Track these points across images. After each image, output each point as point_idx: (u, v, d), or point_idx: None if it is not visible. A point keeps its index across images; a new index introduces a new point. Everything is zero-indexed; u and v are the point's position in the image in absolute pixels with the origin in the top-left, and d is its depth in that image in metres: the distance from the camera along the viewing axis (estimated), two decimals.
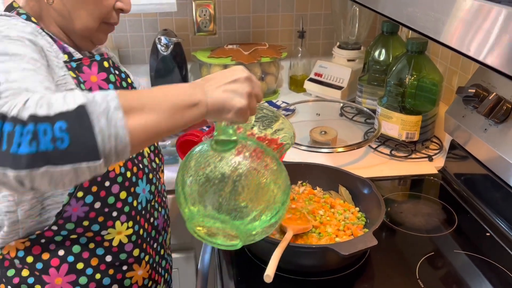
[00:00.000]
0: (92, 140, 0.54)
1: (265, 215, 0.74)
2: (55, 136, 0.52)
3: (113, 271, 0.85)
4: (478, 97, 1.04)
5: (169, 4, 1.40)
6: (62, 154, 0.53)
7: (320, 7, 1.72)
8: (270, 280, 0.76)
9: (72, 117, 0.53)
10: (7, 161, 0.52)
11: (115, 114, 0.55)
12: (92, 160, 0.54)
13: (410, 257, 0.94)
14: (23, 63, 0.64)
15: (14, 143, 0.52)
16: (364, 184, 1.02)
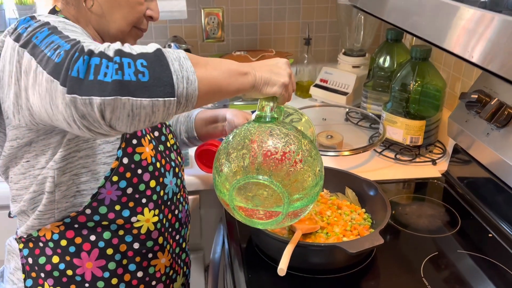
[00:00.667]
0: (169, 77, 0.61)
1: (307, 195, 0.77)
2: (137, 69, 0.59)
3: (139, 258, 0.90)
4: (481, 103, 1.08)
5: (180, 12, 1.44)
6: (143, 87, 0.59)
7: (326, 15, 1.77)
8: (284, 274, 0.80)
9: (151, 57, 0.61)
10: (94, 88, 0.58)
11: (186, 62, 0.64)
12: (168, 97, 0.61)
13: (415, 257, 0.97)
14: (85, 36, 0.70)
15: (101, 73, 0.58)
16: (370, 186, 1.05)
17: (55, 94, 0.62)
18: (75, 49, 0.61)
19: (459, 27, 0.65)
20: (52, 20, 0.74)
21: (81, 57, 0.60)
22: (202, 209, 1.31)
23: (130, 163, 0.84)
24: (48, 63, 0.64)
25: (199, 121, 1.13)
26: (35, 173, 0.82)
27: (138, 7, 0.88)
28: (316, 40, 1.79)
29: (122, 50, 0.61)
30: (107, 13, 0.86)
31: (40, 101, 0.67)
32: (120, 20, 0.87)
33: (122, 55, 0.60)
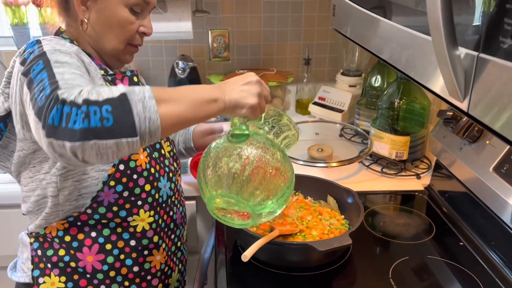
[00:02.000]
0: (131, 120, 0.68)
1: (272, 198, 0.88)
2: (102, 116, 0.67)
3: (135, 254, 0.98)
4: (456, 119, 1.16)
5: (186, 33, 1.57)
6: (107, 131, 0.67)
7: (325, 37, 1.87)
8: (246, 260, 0.90)
9: (116, 102, 0.68)
10: (65, 135, 0.67)
11: (150, 101, 0.70)
12: (131, 137, 0.68)
13: (387, 259, 1.05)
14: (72, 69, 0.80)
15: (71, 121, 0.67)
16: (349, 194, 1.14)
17: (39, 133, 0.71)
18: (51, 97, 0.70)
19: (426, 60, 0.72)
20: (49, 50, 0.82)
21: (55, 106, 0.68)
22: (198, 214, 1.40)
23: (126, 169, 0.93)
24: (35, 104, 0.73)
25: (197, 133, 1.23)
26: (40, 177, 0.92)
27: (129, 26, 0.95)
28: (316, 61, 1.90)
29: (89, 99, 0.68)
30: (100, 34, 0.95)
31: (34, 133, 0.75)
32: (113, 39, 0.95)
33: (89, 104, 0.68)
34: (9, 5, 1.68)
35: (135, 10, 0.95)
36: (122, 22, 0.94)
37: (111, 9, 0.93)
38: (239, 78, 0.85)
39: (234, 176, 0.85)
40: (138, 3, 0.95)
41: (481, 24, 0.53)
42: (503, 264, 1.01)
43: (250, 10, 1.80)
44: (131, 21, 0.95)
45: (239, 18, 1.81)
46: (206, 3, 1.74)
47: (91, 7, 0.92)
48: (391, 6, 0.86)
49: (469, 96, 0.56)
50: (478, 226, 1.11)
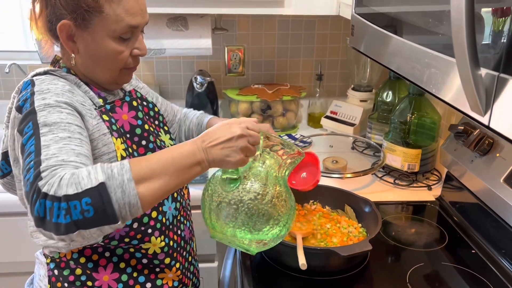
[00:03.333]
0: (111, 209, 0.71)
1: (271, 230, 0.92)
2: (83, 209, 0.70)
3: (147, 271, 1.00)
4: (466, 133, 1.22)
5: (206, 49, 1.64)
6: (89, 221, 0.71)
7: (337, 54, 1.95)
8: (305, 267, 0.96)
9: (94, 194, 0.71)
10: (51, 228, 0.72)
11: (129, 185, 0.72)
12: (112, 223, 0.73)
13: (403, 266, 1.10)
14: (60, 132, 0.80)
15: (54, 215, 0.70)
16: (366, 204, 1.20)
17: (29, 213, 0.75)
18: (34, 188, 0.72)
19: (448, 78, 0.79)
20: (39, 105, 0.82)
21: (38, 201, 0.71)
22: None
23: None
24: (25, 183, 0.75)
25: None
26: None
27: (119, 56, 0.91)
28: (328, 76, 1.97)
29: (68, 194, 0.70)
30: (91, 67, 0.93)
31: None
32: (105, 71, 0.93)
33: (69, 199, 0.70)
34: None
35: (124, 37, 0.91)
36: (110, 55, 0.91)
37: (98, 42, 0.89)
38: (224, 129, 0.84)
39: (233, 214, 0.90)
40: (124, 32, 0.90)
41: (502, 47, 0.59)
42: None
43: (265, 28, 1.88)
44: (120, 51, 0.91)
45: (254, 35, 1.89)
46: (224, 21, 1.82)
47: (79, 41, 0.90)
48: (410, 26, 0.93)
49: (490, 111, 0.62)
50: (489, 235, 1.17)
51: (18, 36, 1.96)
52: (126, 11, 0.89)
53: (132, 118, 0.99)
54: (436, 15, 0.82)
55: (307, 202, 1.28)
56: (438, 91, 0.76)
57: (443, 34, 0.77)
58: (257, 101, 1.80)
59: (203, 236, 1.46)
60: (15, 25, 1.95)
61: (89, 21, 0.88)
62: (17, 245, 1.45)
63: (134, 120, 0.99)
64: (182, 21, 1.62)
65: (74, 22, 0.88)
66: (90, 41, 0.89)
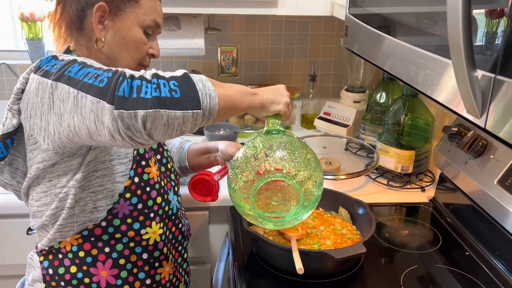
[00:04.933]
0: (195, 94, 0.76)
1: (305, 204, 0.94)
2: (171, 87, 0.74)
3: (148, 267, 1.01)
4: (460, 135, 1.22)
5: (199, 49, 1.63)
6: (176, 102, 0.74)
7: (330, 54, 1.95)
8: (303, 272, 0.95)
9: (181, 79, 0.76)
10: (137, 104, 0.72)
11: (207, 83, 0.78)
12: (196, 109, 0.76)
13: (397, 268, 1.10)
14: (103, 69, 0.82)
15: (142, 91, 0.73)
16: (359, 205, 1.19)
17: (101, 111, 0.74)
18: (118, 74, 0.75)
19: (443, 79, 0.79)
20: (77, 58, 0.85)
21: (125, 80, 0.74)
22: (210, 224, 1.45)
23: (140, 182, 0.96)
24: (90, 88, 0.76)
25: (192, 152, 1.24)
26: (57, 191, 0.92)
27: (143, 47, 0.99)
28: (321, 77, 1.97)
29: (157, 73, 0.76)
30: (116, 53, 0.97)
31: (83, 121, 0.78)
32: (127, 59, 0.98)
33: (158, 78, 0.75)
34: (25, 20, 1.73)
35: (148, 32, 0.99)
36: (137, 42, 0.97)
37: (127, 29, 0.96)
38: (268, 87, 0.96)
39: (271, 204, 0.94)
40: (151, 26, 0.99)
41: (499, 48, 0.59)
42: (508, 272, 1.06)
43: (259, 28, 1.87)
44: (145, 41, 0.99)
45: (247, 35, 1.88)
46: (217, 21, 1.81)
47: (108, 26, 0.95)
48: (404, 27, 0.92)
49: (486, 113, 0.61)
50: (483, 236, 1.17)
51: (8, 35, 1.94)
52: (155, 9, 0.99)
53: None
54: (431, 16, 0.81)
55: None
56: (433, 92, 0.76)
57: (438, 35, 0.76)
58: None
59: (196, 238, 1.44)
60: (5, 25, 1.93)
61: (123, 9, 0.95)
62: (8, 247, 1.42)
63: None
64: (174, 21, 1.61)
65: (109, 7, 0.94)
66: (120, 27, 0.95)
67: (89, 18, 0.95)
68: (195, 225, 1.43)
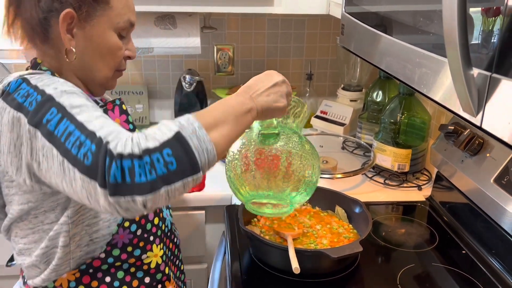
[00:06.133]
0: (192, 157, 0.67)
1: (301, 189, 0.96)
2: (165, 160, 0.65)
3: None
4: (457, 133, 1.21)
5: (195, 48, 1.62)
6: (173, 174, 0.65)
7: (327, 53, 1.94)
8: (299, 271, 0.94)
9: (174, 143, 0.66)
10: (134, 190, 0.64)
11: (201, 132, 0.69)
12: (195, 173, 0.68)
13: (394, 267, 1.09)
14: (93, 111, 0.73)
15: (136, 174, 0.64)
16: (356, 204, 1.19)
17: (94, 192, 0.66)
18: (103, 152, 0.65)
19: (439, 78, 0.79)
20: (55, 93, 0.74)
21: (113, 163, 0.64)
22: (207, 224, 1.44)
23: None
24: (76, 161, 0.67)
25: None
26: (45, 227, 0.84)
27: (119, 52, 0.89)
28: (318, 76, 1.96)
29: (148, 147, 0.65)
30: (90, 64, 0.87)
31: (73, 191, 0.70)
32: (103, 68, 0.89)
33: (150, 153, 0.65)
34: None
35: (122, 34, 0.90)
36: (112, 49, 0.88)
37: (100, 35, 0.86)
38: (264, 78, 0.85)
39: (269, 177, 0.92)
40: (125, 27, 0.89)
41: (494, 47, 0.58)
42: (504, 271, 1.06)
43: (255, 27, 1.87)
44: (120, 46, 0.89)
45: (244, 34, 1.87)
46: (213, 19, 1.80)
47: (78, 35, 0.84)
48: (400, 25, 0.92)
49: (482, 112, 0.61)
50: (480, 235, 1.17)
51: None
52: (128, 7, 0.89)
53: (124, 122, 0.93)
54: (427, 15, 0.81)
55: None
56: (430, 91, 0.75)
57: (434, 33, 0.76)
58: None
59: (193, 238, 1.44)
60: None
61: (93, 13, 0.84)
62: None
63: (126, 124, 0.93)
64: (170, 19, 1.60)
65: (77, 13, 0.82)
66: (91, 34, 0.85)
67: (54, 27, 0.83)
68: (192, 225, 1.43)
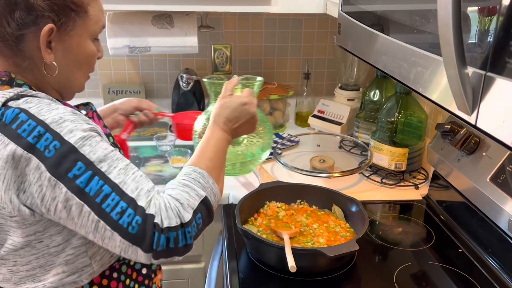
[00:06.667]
0: (213, 213, 0.85)
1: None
2: (197, 223, 0.80)
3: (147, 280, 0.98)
4: (453, 132, 1.22)
5: (192, 47, 1.62)
6: (200, 231, 0.83)
7: (324, 52, 1.94)
8: (295, 269, 0.95)
9: (202, 208, 0.81)
10: (175, 253, 0.77)
11: (215, 187, 0.86)
12: (210, 222, 0.85)
13: (390, 265, 1.10)
14: (117, 163, 0.77)
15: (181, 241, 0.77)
16: (352, 203, 1.19)
17: (134, 254, 0.76)
18: (151, 226, 0.74)
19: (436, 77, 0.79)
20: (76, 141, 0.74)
21: (162, 235, 0.75)
22: None
23: None
24: (117, 227, 0.73)
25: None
26: (51, 251, 0.81)
27: (93, 59, 0.88)
28: (315, 75, 1.97)
29: (186, 220, 0.78)
30: (69, 75, 0.85)
31: (101, 243, 0.76)
32: (81, 77, 0.88)
33: (189, 224, 0.78)
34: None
35: (97, 38, 0.88)
36: (90, 57, 0.86)
37: (78, 45, 0.83)
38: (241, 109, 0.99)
39: None
40: (100, 31, 0.88)
41: (489, 46, 0.59)
42: (500, 269, 1.07)
43: (252, 26, 1.87)
44: (95, 52, 0.88)
45: (241, 33, 1.87)
46: (210, 18, 1.80)
47: (56, 48, 0.81)
48: (396, 25, 0.92)
49: (476, 110, 0.61)
50: (476, 233, 1.17)
51: None
52: (101, 11, 0.87)
53: (104, 127, 0.91)
54: (423, 14, 0.81)
55: (294, 201, 1.27)
56: (425, 90, 0.76)
57: (430, 32, 0.76)
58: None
59: None
60: None
61: (72, 24, 0.81)
62: None
63: (106, 130, 0.91)
64: (167, 18, 1.60)
65: (57, 26, 0.79)
66: (69, 45, 0.82)
67: (28, 42, 0.79)
68: None
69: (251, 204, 1.21)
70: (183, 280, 1.50)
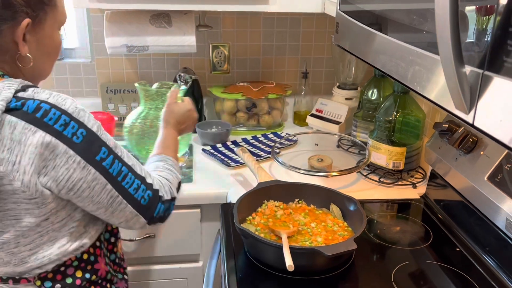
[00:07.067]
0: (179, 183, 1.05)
1: None
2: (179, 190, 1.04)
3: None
4: (451, 131, 1.22)
5: (190, 46, 1.62)
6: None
7: (322, 52, 1.94)
8: (293, 268, 0.95)
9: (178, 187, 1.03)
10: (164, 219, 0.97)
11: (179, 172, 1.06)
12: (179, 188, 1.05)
13: (388, 264, 1.10)
14: (121, 148, 0.92)
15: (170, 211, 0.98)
16: (350, 202, 1.19)
17: (135, 222, 0.93)
18: (157, 199, 0.94)
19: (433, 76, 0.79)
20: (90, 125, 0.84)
21: (162, 206, 0.94)
22: (202, 222, 1.44)
23: None
24: (132, 200, 0.90)
25: None
26: (55, 227, 0.87)
27: (60, 48, 0.95)
28: (313, 74, 1.97)
29: (174, 195, 0.99)
30: (39, 66, 0.90)
31: (108, 215, 0.90)
32: (49, 67, 0.94)
33: (175, 199, 0.99)
34: None
35: (61, 28, 0.94)
36: (58, 47, 0.93)
37: (49, 36, 0.89)
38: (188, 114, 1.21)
39: None
40: (65, 21, 0.94)
41: (486, 45, 0.59)
42: (498, 268, 1.07)
43: (250, 25, 1.87)
44: (61, 42, 0.95)
45: (239, 32, 1.87)
46: (208, 18, 1.80)
47: (30, 40, 0.86)
48: (394, 24, 0.92)
49: (474, 109, 0.62)
50: (474, 232, 1.17)
51: None
52: (64, 4, 0.94)
53: None
54: (420, 13, 0.81)
55: (292, 201, 1.27)
56: (423, 89, 0.76)
57: (427, 31, 0.76)
58: (243, 99, 1.79)
59: (188, 236, 1.44)
60: None
61: (44, 17, 0.87)
62: None
63: None
64: (165, 17, 1.60)
65: (32, 20, 0.84)
66: (41, 36, 0.88)
67: (6, 37, 0.84)
68: (187, 223, 1.43)
69: (249, 203, 1.21)
70: (181, 279, 1.50)
